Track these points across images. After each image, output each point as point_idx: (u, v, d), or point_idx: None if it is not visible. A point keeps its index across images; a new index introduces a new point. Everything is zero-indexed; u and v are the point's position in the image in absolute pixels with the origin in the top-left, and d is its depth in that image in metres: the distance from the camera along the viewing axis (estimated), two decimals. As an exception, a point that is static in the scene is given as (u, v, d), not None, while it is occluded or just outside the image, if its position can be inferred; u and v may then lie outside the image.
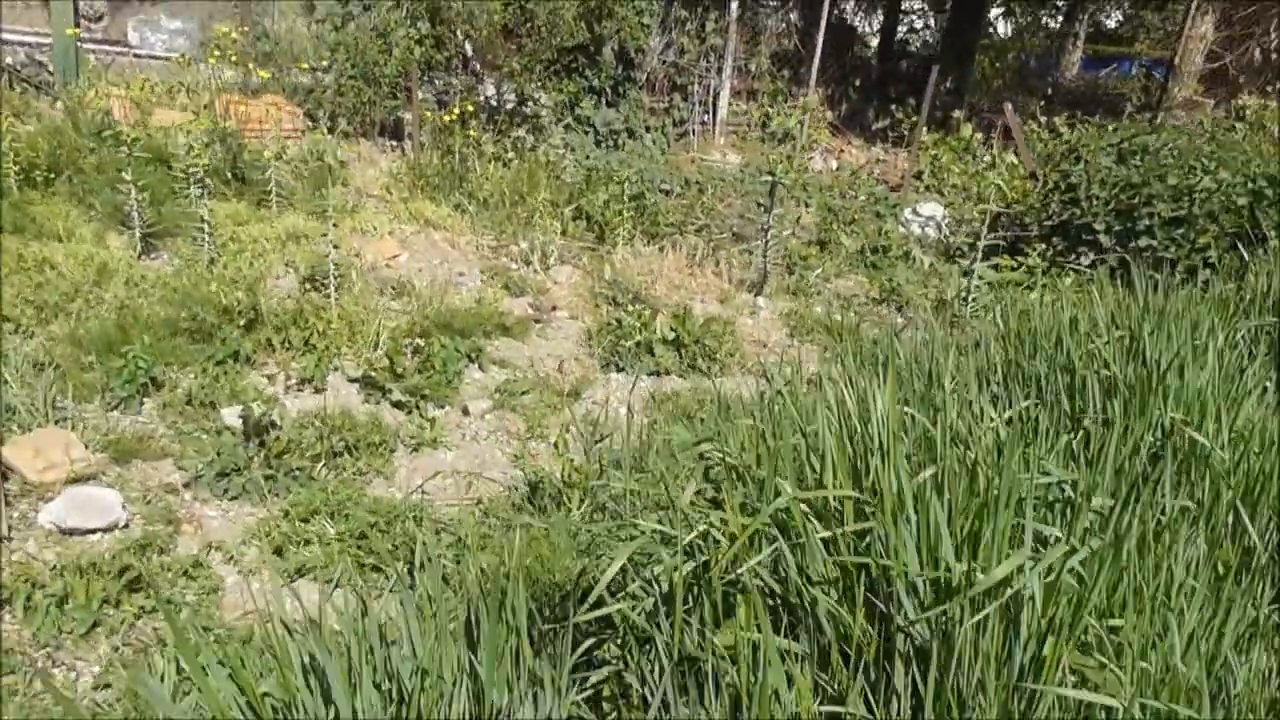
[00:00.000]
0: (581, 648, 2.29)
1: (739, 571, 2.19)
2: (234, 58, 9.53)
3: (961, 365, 3.55)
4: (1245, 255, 5.47)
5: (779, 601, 2.22)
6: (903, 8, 14.59)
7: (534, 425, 5.31)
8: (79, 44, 9.14)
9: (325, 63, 9.86)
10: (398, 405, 5.29)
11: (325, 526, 3.95)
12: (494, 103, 10.58)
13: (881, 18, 14.62)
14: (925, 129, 10.63)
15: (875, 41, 14.98)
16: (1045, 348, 3.30)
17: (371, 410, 5.15)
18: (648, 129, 11.01)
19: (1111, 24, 19.95)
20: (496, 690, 1.95)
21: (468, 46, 10.69)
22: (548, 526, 3.55)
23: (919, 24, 15.10)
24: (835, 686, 2.10)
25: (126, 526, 3.92)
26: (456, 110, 9.47)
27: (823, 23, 12.03)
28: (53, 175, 7.35)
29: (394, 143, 9.92)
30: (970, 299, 7.06)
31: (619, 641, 2.35)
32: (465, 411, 5.39)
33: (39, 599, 3.33)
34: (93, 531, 3.82)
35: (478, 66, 10.87)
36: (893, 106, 12.36)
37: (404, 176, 8.95)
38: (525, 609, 2.07)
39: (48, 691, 2.95)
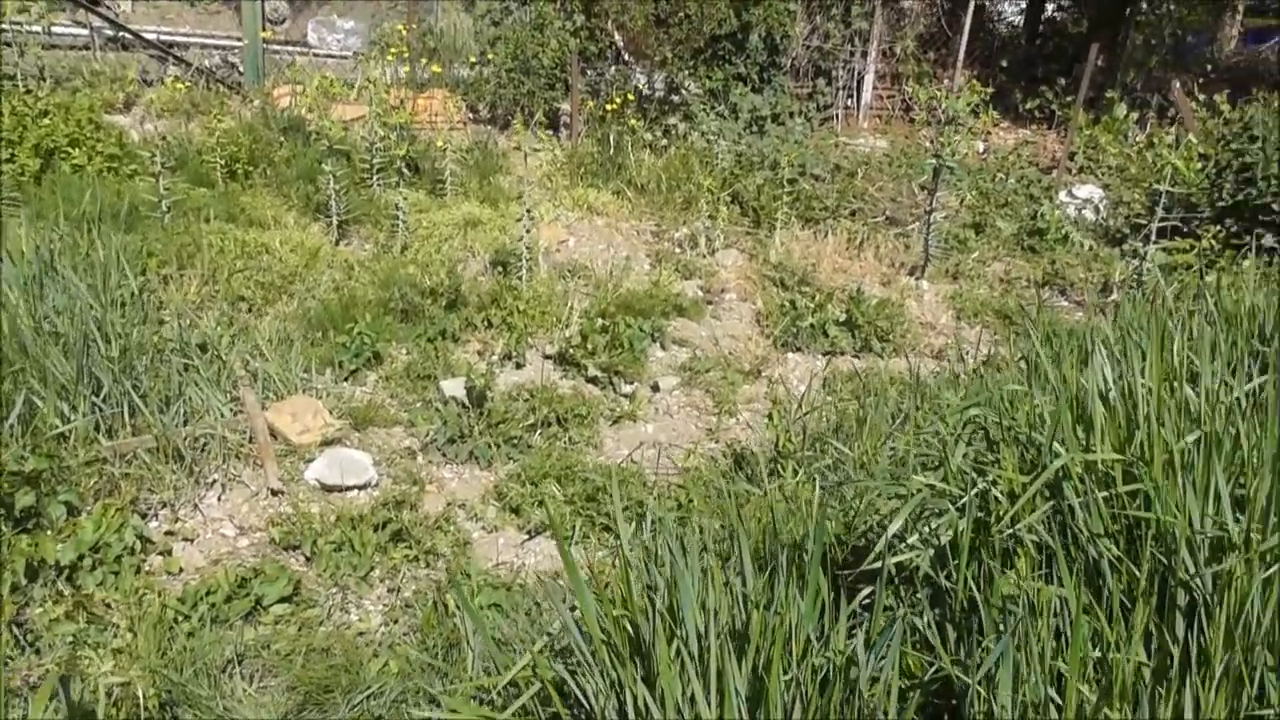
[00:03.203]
0: (858, 596, 2.50)
1: (1016, 527, 2.38)
2: (404, 54, 10.04)
3: (1177, 340, 3.62)
4: None
5: (1052, 555, 2.39)
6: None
7: (721, 401, 5.55)
8: (265, 46, 9.77)
9: (488, 56, 10.28)
10: (592, 381, 5.60)
11: (554, 489, 4.27)
12: (645, 92, 10.84)
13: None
14: (1079, 109, 10.45)
15: (1017, 21, 14.70)
16: (1275, 325, 3.36)
17: (572, 385, 5.47)
18: (792, 114, 11.12)
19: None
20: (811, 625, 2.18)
21: (618, 38, 10.98)
22: (771, 491, 3.78)
23: (1066, 1, 14.72)
24: (1114, 634, 2.26)
25: (377, 485, 4.32)
26: (618, 99, 9.77)
27: (971, 4, 11.92)
28: (251, 168, 7.93)
29: (551, 132, 10.28)
30: (1141, 281, 6.99)
31: (893, 590, 2.55)
32: (655, 388, 5.66)
33: (322, 545, 3.74)
34: (350, 489, 4.23)
35: (627, 57, 11.16)
36: (1041, 87, 12.17)
37: (564, 164, 9.30)
38: (818, 559, 2.29)
39: (348, 625, 3.33)
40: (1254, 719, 2.05)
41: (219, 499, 4.10)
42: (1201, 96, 10.91)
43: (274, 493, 4.14)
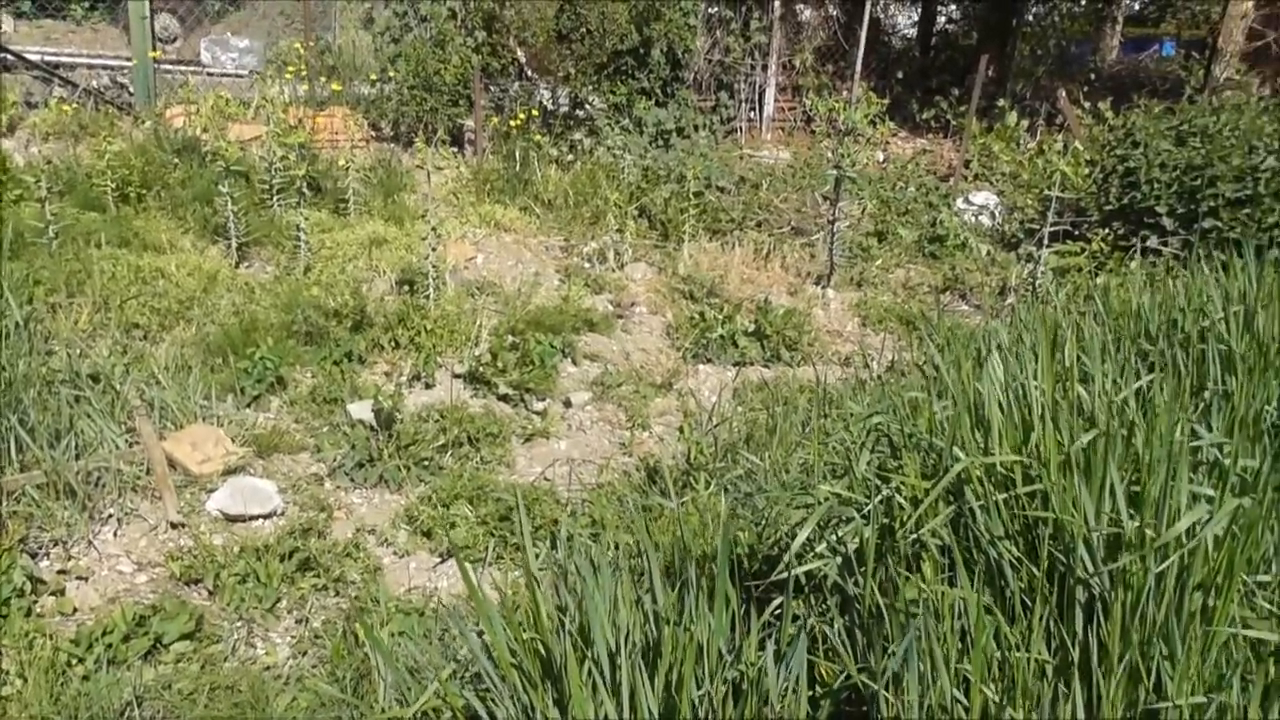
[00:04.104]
0: (770, 606, 2.52)
1: (920, 532, 2.43)
2: (302, 72, 9.84)
3: (1068, 342, 3.75)
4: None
5: (955, 557, 2.44)
6: (940, -1, 14.74)
7: (634, 415, 5.56)
8: (156, 65, 9.48)
9: (389, 73, 10.15)
10: (503, 398, 5.55)
11: (466, 511, 4.22)
12: (549, 107, 10.83)
13: (919, 9, 14.76)
14: (973, 118, 10.79)
15: (912, 33, 15.13)
16: (1158, 325, 3.51)
17: (483, 403, 5.42)
18: (697, 127, 11.24)
19: (1137, 5, 19.98)
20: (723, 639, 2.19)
21: (521, 54, 10.95)
22: (685, 504, 3.79)
23: (956, 14, 15.21)
24: (1016, 634, 2.32)
25: (283, 513, 4.21)
26: (523, 115, 9.74)
27: (865, 17, 12.22)
28: (144, 191, 7.67)
29: (456, 149, 10.20)
30: (1036, 284, 7.24)
31: (803, 599, 2.58)
32: (567, 403, 5.64)
33: (226, 578, 3.62)
34: (255, 518, 4.11)
35: (531, 73, 11.13)
36: (936, 97, 12.53)
37: (470, 181, 9.23)
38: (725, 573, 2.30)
39: (254, 660, 3.22)
40: (1151, 712, 2.12)
41: (115, 534, 3.93)
42: (1087, 104, 11.37)
43: (174, 525, 4.00)
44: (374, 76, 10.32)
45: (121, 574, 3.74)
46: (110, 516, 4.00)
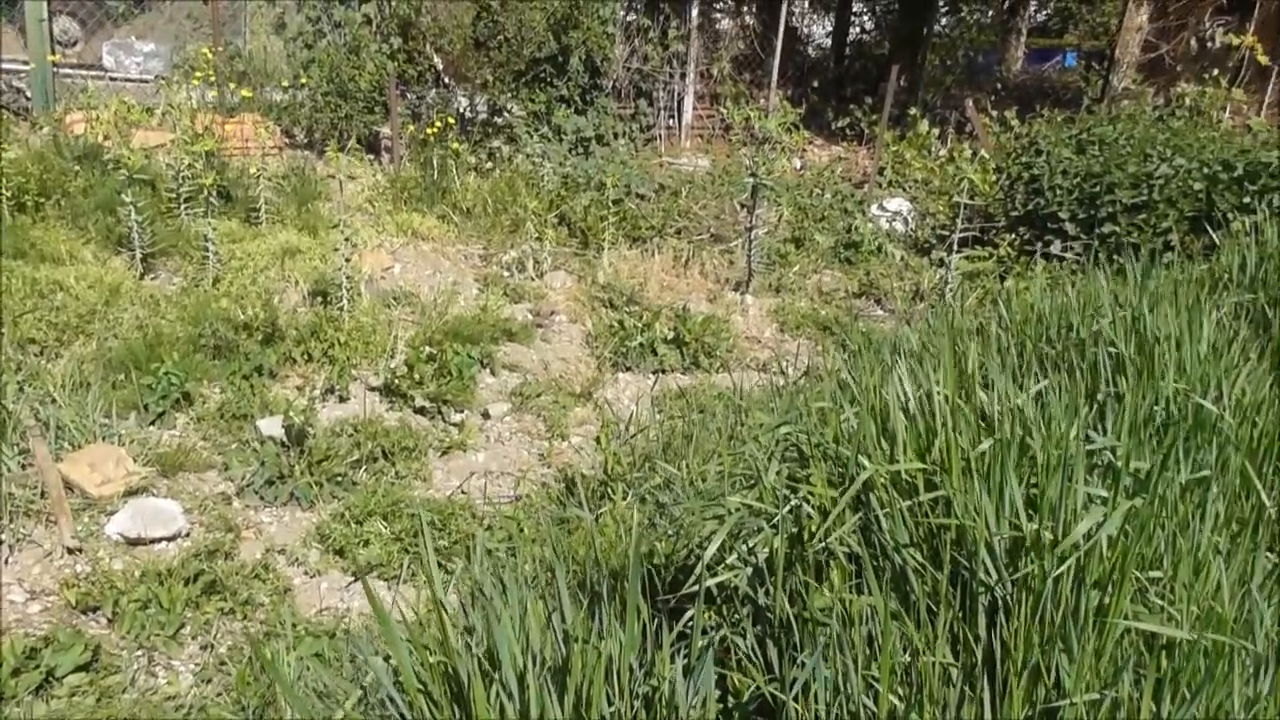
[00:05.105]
0: (684, 617, 2.52)
1: (828, 540, 2.45)
2: (211, 77, 9.59)
3: (971, 349, 3.83)
4: (1215, 238, 5.88)
5: (863, 565, 2.47)
6: (853, 9, 15.00)
7: (553, 425, 5.53)
8: (55, 69, 9.15)
9: (301, 80, 9.94)
10: (420, 411, 5.48)
11: (380, 527, 4.14)
12: (467, 115, 10.73)
13: (832, 20, 15.02)
14: (885, 126, 11.01)
15: (828, 43, 15.39)
16: (1056, 329, 3.61)
17: (399, 416, 5.33)
18: (616, 135, 11.26)
19: (1041, 17, 20.71)
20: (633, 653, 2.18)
21: (438, 60, 10.84)
22: (608, 516, 3.77)
23: (870, 24, 15.51)
24: (921, 638, 2.36)
25: (188, 535, 4.08)
26: (440, 123, 9.64)
27: (781, 26, 12.39)
28: (42, 199, 7.39)
29: (372, 156, 10.04)
30: (947, 289, 7.41)
31: (716, 610, 2.59)
32: (486, 415, 5.59)
33: (125, 604, 3.49)
34: (158, 541, 3.98)
35: (448, 80, 11.03)
36: (850, 106, 12.75)
37: (386, 189, 9.09)
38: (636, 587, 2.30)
39: (155, 690, 3.11)
40: (1051, 710, 2.17)
41: (6, 562, 3.76)
42: (994, 113, 11.69)
43: (70, 551, 3.84)
44: (286, 83, 10.10)
45: (13, 604, 3.58)
46: (1, 543, 3.83)
